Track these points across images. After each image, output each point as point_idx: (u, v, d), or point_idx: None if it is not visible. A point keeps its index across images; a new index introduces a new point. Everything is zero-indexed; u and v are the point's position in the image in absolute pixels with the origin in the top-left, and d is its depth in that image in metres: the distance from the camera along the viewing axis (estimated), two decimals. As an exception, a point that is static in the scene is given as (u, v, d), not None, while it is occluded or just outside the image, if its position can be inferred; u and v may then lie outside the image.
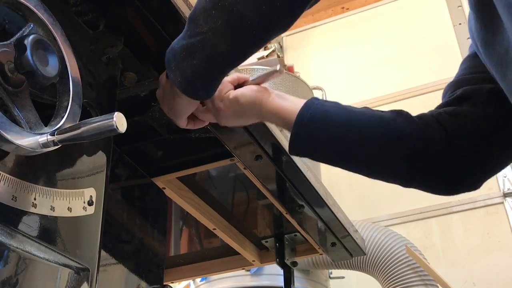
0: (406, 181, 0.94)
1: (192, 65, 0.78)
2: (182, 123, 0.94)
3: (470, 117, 0.90)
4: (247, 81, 0.96)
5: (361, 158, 0.93)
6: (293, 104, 0.93)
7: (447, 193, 0.94)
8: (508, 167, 1.88)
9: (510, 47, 0.75)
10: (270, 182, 1.28)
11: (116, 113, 0.62)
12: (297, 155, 0.97)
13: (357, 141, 0.91)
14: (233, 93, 0.93)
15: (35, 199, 0.63)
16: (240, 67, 0.95)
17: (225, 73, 0.84)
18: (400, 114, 0.93)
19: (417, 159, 0.90)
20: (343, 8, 4.33)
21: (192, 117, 0.95)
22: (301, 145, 0.93)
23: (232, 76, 0.95)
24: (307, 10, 0.79)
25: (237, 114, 0.94)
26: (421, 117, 0.94)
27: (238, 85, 0.95)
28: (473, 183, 0.92)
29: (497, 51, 0.79)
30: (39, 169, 0.66)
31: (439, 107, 0.96)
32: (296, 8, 0.77)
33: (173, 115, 0.91)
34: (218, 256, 1.66)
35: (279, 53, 3.64)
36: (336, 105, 0.94)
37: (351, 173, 0.98)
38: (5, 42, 0.62)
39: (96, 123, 0.62)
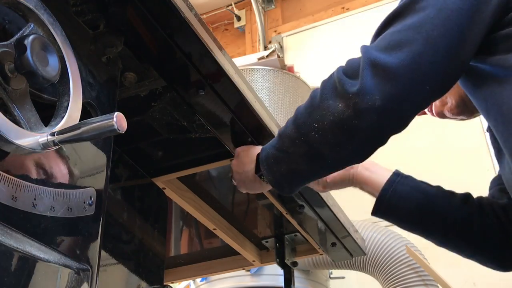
0: (468, 256, 1.13)
1: (280, 171, 0.96)
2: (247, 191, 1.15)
3: None
4: None
5: (432, 235, 1.12)
6: (377, 176, 1.13)
7: (503, 270, 1.15)
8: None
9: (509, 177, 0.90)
10: (270, 182, 1.28)
11: (116, 113, 0.62)
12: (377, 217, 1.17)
13: (430, 222, 1.10)
14: (329, 177, 1.16)
15: (35, 199, 0.63)
16: (240, 67, 0.96)
17: (306, 184, 1.02)
18: (468, 198, 1.10)
19: (477, 242, 1.09)
20: (343, 8, 4.33)
21: None
22: (381, 215, 1.14)
23: None
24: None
25: (332, 188, 1.20)
26: (481, 203, 1.10)
27: None
28: None
29: (505, 171, 0.92)
30: (39, 169, 0.66)
31: (491, 196, 1.13)
32: (366, 152, 0.89)
33: (247, 189, 1.12)
34: (218, 256, 1.66)
35: (279, 53, 3.65)
36: (415, 184, 1.12)
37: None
38: (5, 42, 0.62)
39: (96, 123, 0.62)
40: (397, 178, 1.11)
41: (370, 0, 4.19)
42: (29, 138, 0.61)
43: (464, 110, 1.08)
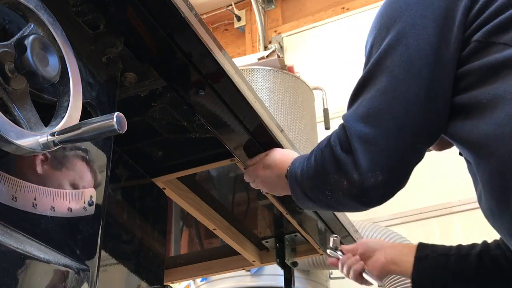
0: None
1: (306, 202, 1.04)
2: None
3: None
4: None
5: None
6: (403, 270, 1.24)
7: None
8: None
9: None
10: (270, 182, 1.28)
11: (116, 113, 0.62)
12: None
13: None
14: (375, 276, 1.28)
15: (35, 199, 0.63)
16: (240, 67, 0.96)
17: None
18: (481, 256, 1.16)
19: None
20: (343, 8, 4.33)
21: None
22: None
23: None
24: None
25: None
26: (491, 253, 1.17)
27: None
28: None
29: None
30: (39, 169, 0.66)
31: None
32: (357, 209, 0.97)
33: (272, 191, 1.19)
34: (218, 257, 1.66)
35: (279, 53, 3.64)
36: (434, 263, 1.20)
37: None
38: (5, 42, 0.62)
39: (96, 123, 0.62)
40: (420, 263, 1.21)
41: (370, 0, 4.19)
42: (29, 138, 0.61)
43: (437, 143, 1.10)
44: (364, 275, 1.28)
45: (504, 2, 0.83)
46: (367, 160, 0.87)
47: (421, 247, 1.23)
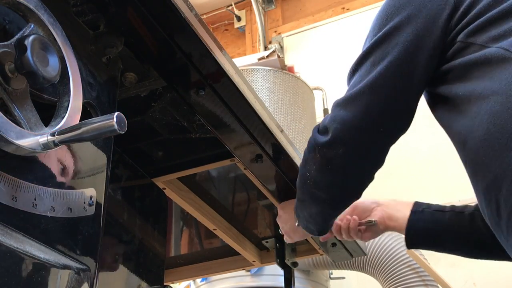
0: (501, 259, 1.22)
1: (304, 217, 1.15)
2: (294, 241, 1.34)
3: None
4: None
5: (458, 252, 1.27)
6: (399, 224, 1.27)
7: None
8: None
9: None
10: (270, 182, 1.28)
11: (116, 113, 0.62)
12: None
13: (452, 245, 1.25)
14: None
15: (35, 199, 0.63)
16: (240, 67, 0.97)
17: (329, 222, 1.18)
18: (474, 215, 1.19)
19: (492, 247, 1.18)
20: (343, 8, 4.33)
21: None
22: (415, 247, 1.30)
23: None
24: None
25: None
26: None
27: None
28: None
29: None
30: (39, 169, 0.66)
31: None
32: (356, 189, 1.06)
33: (294, 239, 1.32)
34: (218, 257, 1.66)
35: (279, 54, 3.64)
36: (429, 217, 1.24)
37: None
38: (5, 43, 0.62)
39: (97, 123, 0.62)
40: (414, 216, 1.25)
41: (370, 0, 4.19)
42: (29, 138, 0.61)
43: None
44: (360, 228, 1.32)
45: (484, 5, 0.89)
46: (336, 134, 0.98)
47: (417, 203, 1.27)
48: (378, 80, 0.95)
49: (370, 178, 1.05)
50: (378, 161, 1.02)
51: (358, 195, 1.09)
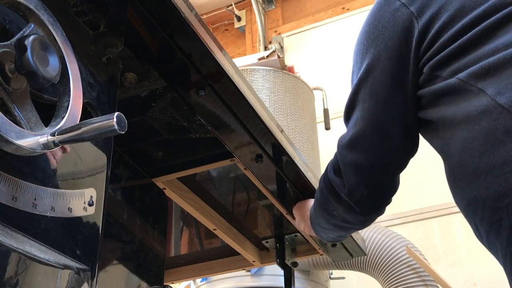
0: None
1: (321, 232, 1.26)
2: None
3: None
4: None
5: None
6: None
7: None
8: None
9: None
10: (271, 183, 1.28)
11: (116, 113, 0.62)
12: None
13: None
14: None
15: (35, 199, 0.63)
16: (240, 67, 0.97)
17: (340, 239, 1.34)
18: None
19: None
20: (343, 8, 4.34)
21: None
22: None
23: None
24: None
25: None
26: None
27: None
28: None
29: None
30: (39, 169, 0.66)
31: None
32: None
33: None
34: (218, 257, 1.66)
35: (279, 54, 3.64)
36: None
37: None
38: (5, 43, 0.62)
39: (97, 123, 0.62)
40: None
41: (370, 1, 4.19)
42: (30, 138, 0.61)
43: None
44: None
45: (446, 39, 0.92)
46: (352, 180, 1.05)
47: None
48: (373, 117, 1.01)
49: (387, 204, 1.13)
50: (397, 185, 1.10)
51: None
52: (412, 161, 1.07)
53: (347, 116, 1.08)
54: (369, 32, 1.03)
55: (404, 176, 1.11)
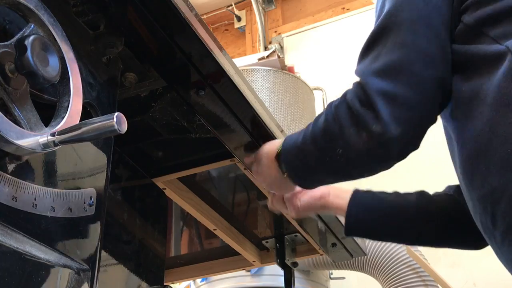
0: (446, 246, 1.26)
1: (300, 172, 1.00)
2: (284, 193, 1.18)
3: None
4: None
5: (404, 236, 1.18)
6: (344, 200, 1.15)
7: (475, 248, 1.21)
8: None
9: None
10: (271, 183, 1.28)
11: (116, 113, 0.62)
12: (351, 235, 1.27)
13: (395, 227, 1.14)
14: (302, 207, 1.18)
15: (35, 199, 0.63)
16: (240, 67, 0.97)
17: (321, 184, 1.09)
18: (422, 194, 1.14)
19: (443, 232, 1.18)
20: (343, 8, 4.33)
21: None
22: (353, 232, 1.19)
23: None
24: None
25: (304, 216, 1.30)
26: (434, 196, 1.14)
27: None
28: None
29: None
30: (39, 169, 0.66)
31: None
32: (386, 168, 0.93)
33: (271, 187, 1.14)
34: (218, 257, 1.66)
35: (279, 54, 3.64)
36: (373, 195, 1.16)
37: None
38: (5, 43, 0.62)
39: (97, 123, 0.62)
40: (357, 194, 1.16)
41: (371, 1, 4.19)
42: (30, 139, 0.61)
43: None
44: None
45: None
46: (388, 113, 0.84)
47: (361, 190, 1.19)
48: (428, 46, 0.85)
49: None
50: (420, 142, 0.91)
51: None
52: (412, 161, 1.03)
53: (374, 43, 0.90)
54: None
55: (404, 176, 1.10)
